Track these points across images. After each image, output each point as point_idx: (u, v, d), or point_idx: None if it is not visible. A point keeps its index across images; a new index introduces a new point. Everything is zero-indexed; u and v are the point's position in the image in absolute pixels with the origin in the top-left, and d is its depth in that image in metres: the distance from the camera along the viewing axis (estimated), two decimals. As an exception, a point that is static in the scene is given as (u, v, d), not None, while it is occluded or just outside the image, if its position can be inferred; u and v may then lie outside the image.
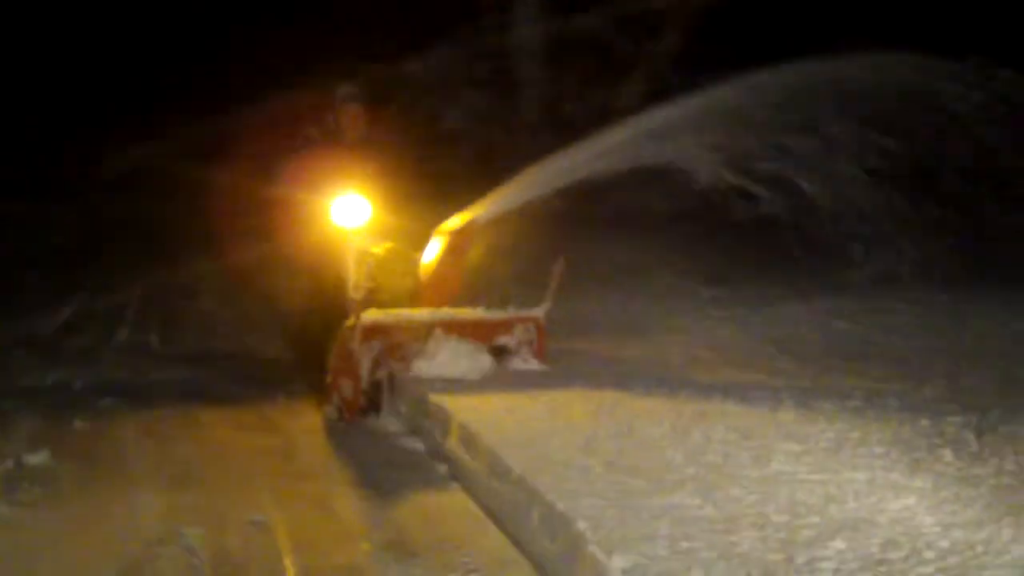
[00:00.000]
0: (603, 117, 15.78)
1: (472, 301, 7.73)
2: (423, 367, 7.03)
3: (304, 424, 7.01)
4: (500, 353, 7.30)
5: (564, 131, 15.72)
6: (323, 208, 7.57)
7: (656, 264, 10.82)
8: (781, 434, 5.67)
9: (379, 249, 7.61)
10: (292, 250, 8.32)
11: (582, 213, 11.36)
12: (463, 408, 6.16)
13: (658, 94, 15.86)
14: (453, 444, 6.00)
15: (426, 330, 7.19)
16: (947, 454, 5.33)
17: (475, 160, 16.37)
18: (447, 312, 7.37)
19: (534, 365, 7.31)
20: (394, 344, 7.14)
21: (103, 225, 15.24)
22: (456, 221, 7.56)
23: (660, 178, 9.00)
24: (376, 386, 7.09)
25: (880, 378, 7.08)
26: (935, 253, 10.78)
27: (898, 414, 6.15)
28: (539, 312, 7.41)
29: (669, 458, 5.20)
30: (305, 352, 8.13)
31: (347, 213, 7.51)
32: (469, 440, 5.74)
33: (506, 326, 7.39)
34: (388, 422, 6.99)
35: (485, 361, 7.14)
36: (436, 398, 6.45)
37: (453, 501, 5.55)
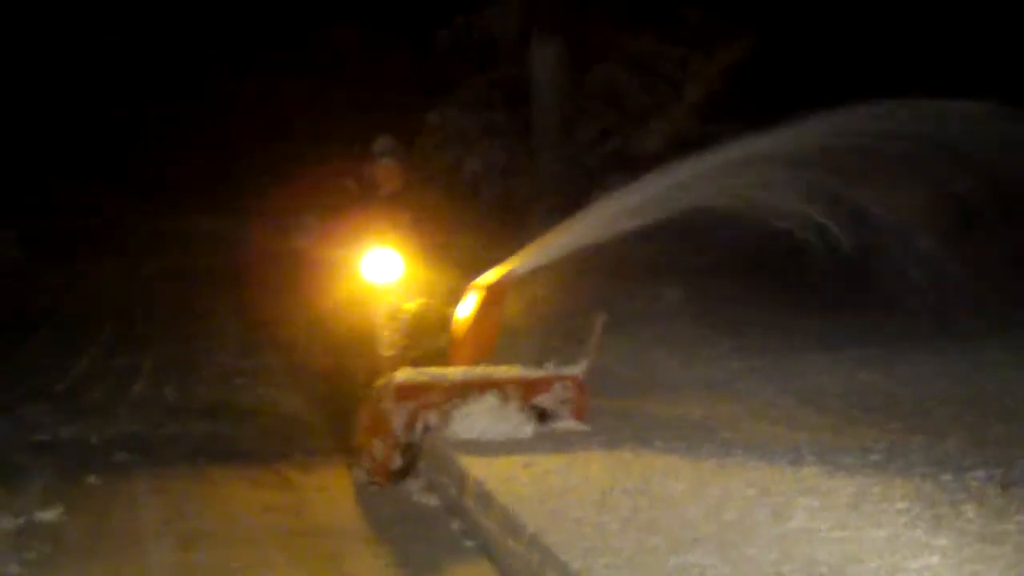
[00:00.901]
0: (622, 165, 15.91)
1: (507, 358, 7.44)
2: (457, 428, 6.70)
3: (318, 481, 6.91)
4: (539, 412, 6.94)
5: (583, 179, 15.84)
6: (354, 262, 7.48)
7: (676, 313, 10.72)
8: (801, 489, 5.56)
9: (412, 305, 7.47)
10: (318, 305, 8.29)
11: (605, 265, 11.29)
12: (478, 463, 6.07)
13: (678, 142, 15.97)
14: (468, 500, 5.92)
15: (461, 390, 6.89)
16: (970, 510, 5.20)
17: (497, 209, 16.43)
18: (482, 371, 7.07)
19: (573, 425, 6.94)
20: (427, 404, 6.83)
21: (123, 279, 15.39)
22: (491, 275, 7.29)
23: (688, 229, 8.87)
24: (408, 448, 6.77)
25: (903, 430, 6.95)
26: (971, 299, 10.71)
27: (921, 468, 6.02)
28: (578, 370, 7.09)
29: (687, 515, 5.10)
30: (333, 410, 8.07)
31: (378, 268, 7.40)
32: (483, 496, 5.65)
33: (545, 384, 7.06)
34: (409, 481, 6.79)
35: (522, 421, 6.80)
36: (451, 452, 6.37)
37: (467, 561, 5.46)
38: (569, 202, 15.70)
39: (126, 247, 18.32)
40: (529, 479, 5.76)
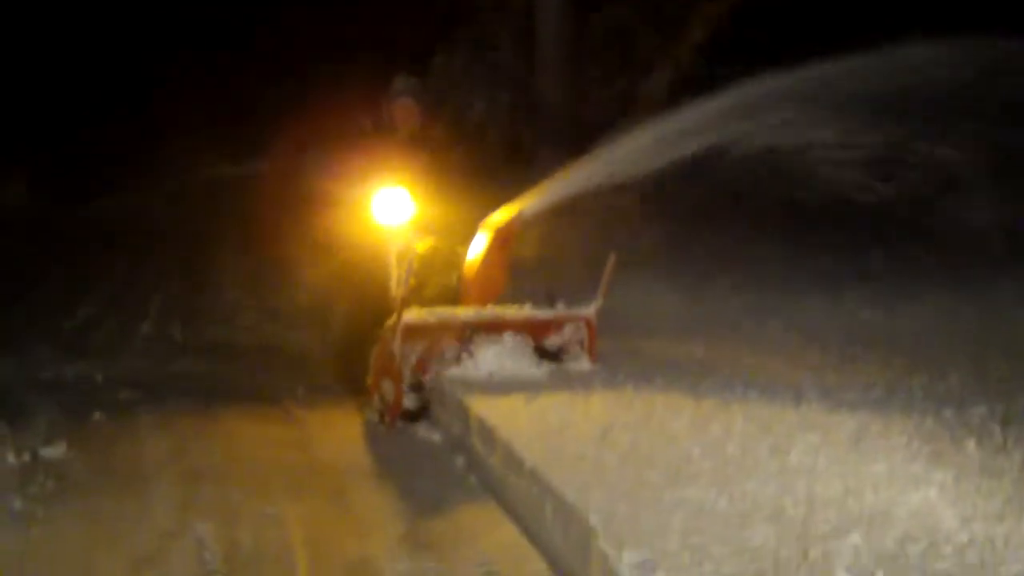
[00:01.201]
0: (628, 107, 15.83)
1: (518, 298, 7.45)
2: (468, 368, 6.73)
3: (323, 418, 6.95)
4: (549, 353, 6.99)
5: (588, 120, 15.75)
6: (366, 202, 7.41)
7: (679, 253, 10.68)
8: (802, 425, 5.58)
9: (422, 246, 7.42)
10: (328, 244, 8.26)
11: (619, 205, 11.23)
12: (482, 401, 6.09)
13: (685, 85, 15.86)
14: (472, 437, 5.94)
15: (471, 330, 6.90)
16: (970, 445, 5.22)
17: (503, 150, 16.37)
18: (493, 311, 7.07)
19: (585, 365, 6.96)
20: (437, 344, 6.84)
21: (128, 218, 15.36)
22: (502, 215, 7.28)
23: (698, 168, 8.76)
24: (418, 388, 6.77)
25: (905, 368, 6.97)
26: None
27: (921, 404, 6.04)
28: (590, 310, 7.07)
29: (686, 450, 5.12)
30: (340, 349, 8.07)
31: (390, 208, 7.33)
32: (485, 433, 5.68)
33: (556, 325, 7.07)
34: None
35: (533, 362, 6.86)
36: (456, 390, 6.40)
37: (470, 495, 5.50)
38: (574, 143, 15.71)
39: (139, 186, 18.21)
40: (530, 416, 5.78)
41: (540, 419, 5.70)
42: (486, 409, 5.92)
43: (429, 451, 6.25)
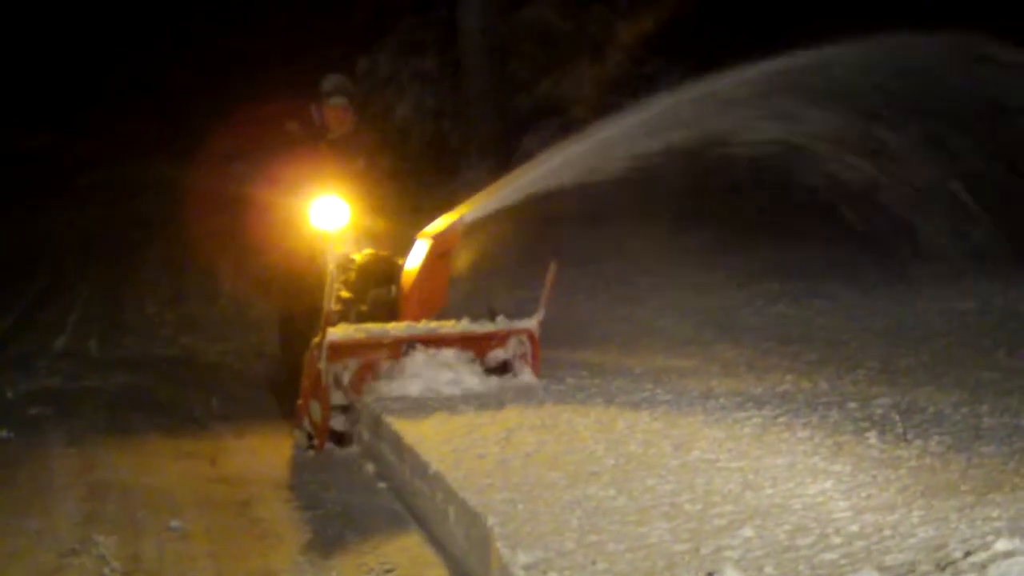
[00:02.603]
0: (553, 108, 15.88)
1: (453, 312, 7.07)
2: (405, 387, 6.37)
3: (235, 428, 6.89)
4: (494, 369, 6.67)
5: (514, 122, 15.79)
6: (299, 210, 7.15)
7: (602, 253, 10.72)
8: (707, 421, 5.63)
9: (360, 256, 7.15)
10: (259, 253, 8.14)
11: (548, 210, 11.21)
12: (392, 408, 6.06)
13: (611, 85, 15.93)
14: (382, 444, 5.92)
15: (404, 347, 6.53)
16: (871, 436, 5.29)
17: (428, 154, 16.35)
18: (428, 326, 6.63)
19: (530, 379, 6.63)
20: (369, 363, 6.51)
21: (59, 228, 15.19)
22: (441, 223, 6.87)
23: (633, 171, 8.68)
24: (349, 409, 6.41)
25: (815, 362, 7.05)
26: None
27: (827, 397, 6.12)
28: (532, 323, 6.72)
29: (589, 449, 5.15)
30: (259, 355, 7.94)
31: (325, 215, 7.05)
32: (393, 438, 5.66)
33: (499, 339, 6.73)
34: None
35: (475, 378, 6.55)
36: (371, 403, 6.33)
37: (377, 502, 5.48)
38: (500, 145, 15.74)
39: (64, 194, 17.99)
40: (439, 420, 5.78)
41: (447, 423, 5.70)
42: (395, 416, 5.90)
43: (341, 460, 6.21)
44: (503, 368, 6.69)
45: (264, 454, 6.39)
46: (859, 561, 3.67)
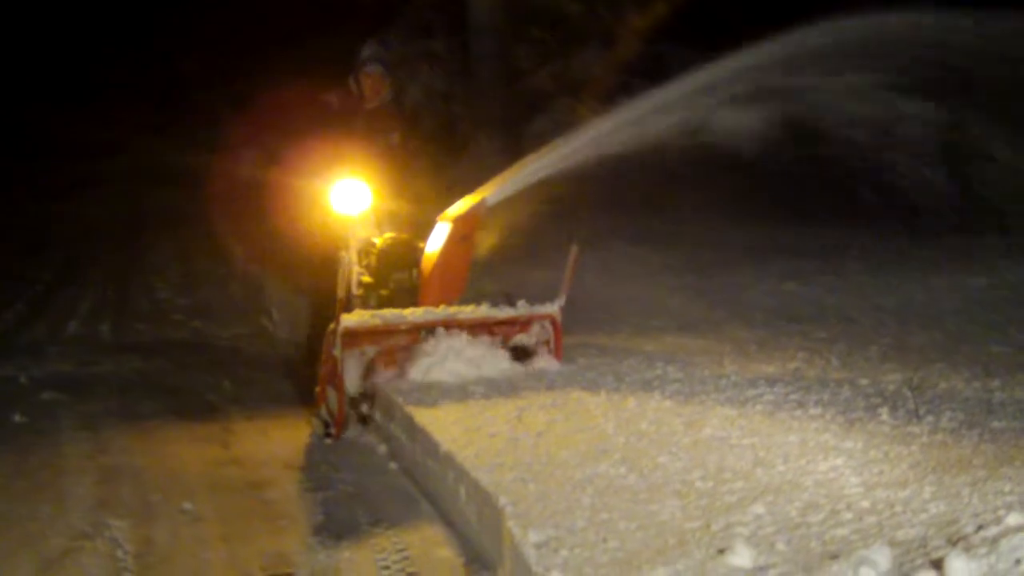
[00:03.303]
0: (562, 89, 15.85)
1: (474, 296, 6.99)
2: (418, 375, 6.23)
3: (246, 411, 6.90)
4: (518, 354, 6.53)
5: (524, 104, 15.76)
6: (324, 194, 6.95)
7: (609, 233, 10.67)
8: (719, 399, 5.62)
9: (381, 240, 6.97)
10: (286, 239, 8.05)
11: (565, 192, 11.17)
12: (403, 389, 6.05)
13: (621, 66, 15.89)
14: (395, 426, 5.92)
15: (423, 333, 6.41)
16: (883, 413, 5.29)
17: (439, 136, 16.33)
18: (447, 311, 6.45)
19: (554, 365, 6.50)
20: (388, 349, 6.40)
21: (63, 216, 15.15)
22: (463, 204, 6.69)
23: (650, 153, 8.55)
24: (364, 398, 6.30)
25: (826, 340, 7.03)
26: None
27: (838, 374, 6.12)
28: (554, 308, 6.57)
29: (600, 428, 5.14)
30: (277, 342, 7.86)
31: (347, 200, 6.87)
32: (405, 419, 5.65)
33: (522, 325, 6.60)
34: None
35: (495, 365, 6.36)
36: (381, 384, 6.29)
37: (389, 481, 5.49)
38: (509, 128, 15.71)
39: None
40: (450, 400, 5.77)
41: (458, 403, 5.70)
42: (406, 397, 5.88)
43: (352, 441, 6.21)
44: (525, 354, 6.57)
45: (275, 436, 6.39)
46: (870, 536, 3.66)
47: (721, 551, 3.59)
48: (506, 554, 4.00)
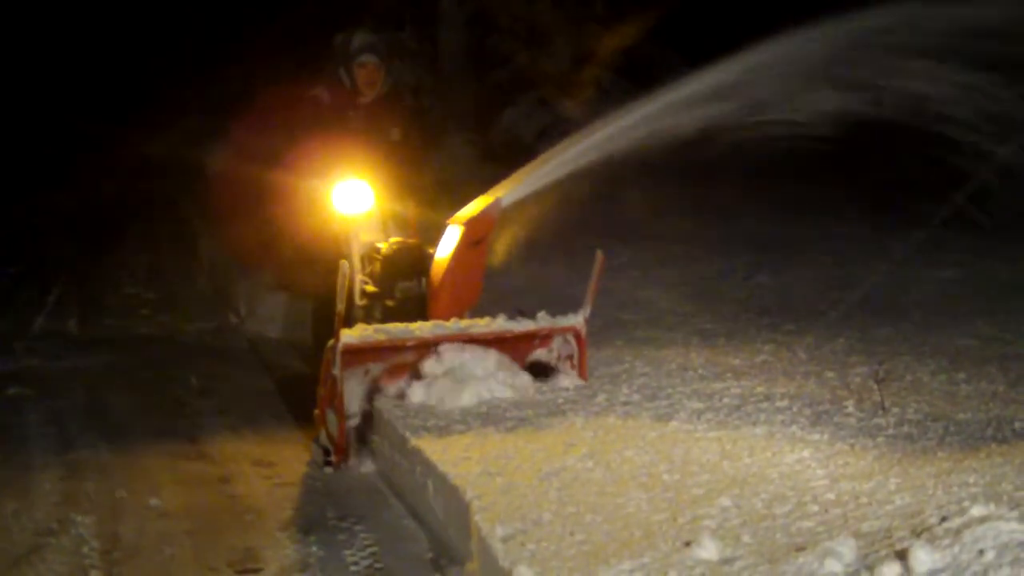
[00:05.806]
0: (530, 83, 15.87)
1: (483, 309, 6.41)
2: (421, 395, 5.58)
3: (214, 405, 6.86)
4: (538, 371, 5.95)
5: (493, 98, 15.76)
6: (323, 194, 6.50)
7: (576, 228, 10.63)
8: (686, 393, 5.64)
9: (386, 245, 6.44)
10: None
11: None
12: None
13: (588, 61, 15.88)
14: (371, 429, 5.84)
15: (431, 349, 5.74)
16: (850, 406, 5.33)
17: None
18: (457, 325, 5.84)
19: (575, 382, 5.89)
20: (394, 367, 5.82)
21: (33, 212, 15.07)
22: (474, 207, 6.07)
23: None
24: (368, 420, 5.71)
25: (794, 332, 7.04)
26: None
27: (805, 367, 6.15)
28: (578, 320, 6.01)
29: (568, 422, 5.15)
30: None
31: (348, 200, 6.42)
32: (379, 418, 5.60)
33: (542, 339, 6.06)
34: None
35: (513, 385, 5.72)
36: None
37: (360, 478, 5.48)
38: (478, 120, 15.71)
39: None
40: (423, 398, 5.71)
41: (430, 401, 5.67)
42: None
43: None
44: (545, 371, 5.99)
45: (243, 431, 6.34)
46: (836, 528, 3.69)
47: (687, 544, 3.61)
48: (474, 548, 4.00)
